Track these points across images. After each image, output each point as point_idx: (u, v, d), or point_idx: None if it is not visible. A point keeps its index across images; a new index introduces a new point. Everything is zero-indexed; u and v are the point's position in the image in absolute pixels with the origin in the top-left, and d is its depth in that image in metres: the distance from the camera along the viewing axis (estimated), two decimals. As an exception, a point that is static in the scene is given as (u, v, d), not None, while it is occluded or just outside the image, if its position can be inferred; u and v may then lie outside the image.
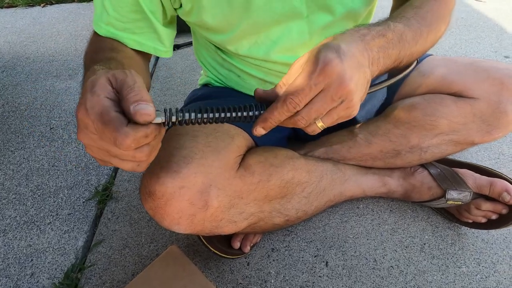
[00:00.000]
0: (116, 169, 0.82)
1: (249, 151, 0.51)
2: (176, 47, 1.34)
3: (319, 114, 0.32)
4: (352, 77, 0.30)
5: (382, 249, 0.61)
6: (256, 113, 0.32)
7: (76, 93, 1.12)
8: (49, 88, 1.15)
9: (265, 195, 0.49)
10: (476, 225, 0.60)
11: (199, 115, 0.30)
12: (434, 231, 0.63)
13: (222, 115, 0.31)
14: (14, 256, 0.63)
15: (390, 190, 0.64)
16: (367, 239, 0.63)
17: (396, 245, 0.61)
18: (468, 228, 0.63)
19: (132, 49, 0.47)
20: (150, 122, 0.27)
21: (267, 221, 0.50)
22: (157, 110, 0.28)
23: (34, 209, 0.72)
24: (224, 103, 0.53)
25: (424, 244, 0.61)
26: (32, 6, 1.93)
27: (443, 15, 0.43)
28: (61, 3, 1.95)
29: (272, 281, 0.57)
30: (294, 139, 0.68)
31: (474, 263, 0.58)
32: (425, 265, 0.58)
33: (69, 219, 0.70)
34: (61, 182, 0.78)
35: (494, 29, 1.30)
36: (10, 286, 0.59)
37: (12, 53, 1.40)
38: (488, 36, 1.25)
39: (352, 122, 0.64)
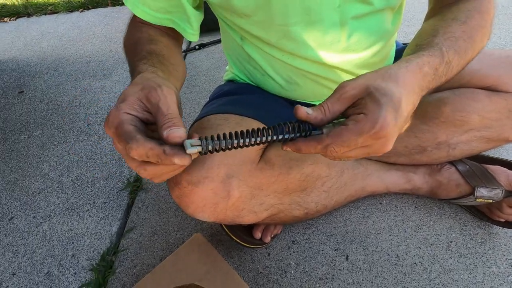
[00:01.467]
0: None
1: (270, 145, 0.53)
2: (202, 45, 1.38)
3: (351, 158, 0.33)
4: (396, 136, 0.31)
5: (405, 245, 0.60)
6: (292, 135, 0.32)
7: (110, 91, 1.19)
8: (86, 87, 1.24)
9: (285, 187, 0.50)
10: (509, 225, 0.57)
11: (235, 141, 0.31)
12: (462, 229, 0.61)
13: (258, 139, 0.31)
14: (58, 238, 0.70)
15: (415, 186, 0.62)
16: (390, 235, 0.62)
17: (421, 242, 0.60)
18: (501, 228, 0.60)
19: (166, 35, 0.48)
20: (189, 154, 0.29)
21: (286, 213, 0.52)
22: (197, 139, 0.30)
23: (74, 198, 0.79)
24: (250, 104, 0.54)
25: (451, 242, 0.59)
26: (72, 11, 2.08)
27: (485, 27, 0.41)
28: (97, 7, 2.08)
29: (292, 272, 0.58)
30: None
31: (506, 264, 0.55)
32: (451, 264, 0.56)
33: (104, 207, 0.76)
34: (97, 174, 0.85)
35: (539, 17, 1.20)
36: (54, 265, 0.65)
37: (54, 56, 1.53)
38: (531, 25, 1.16)
39: None
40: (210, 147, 0.30)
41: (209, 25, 1.45)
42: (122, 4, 2.05)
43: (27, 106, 1.18)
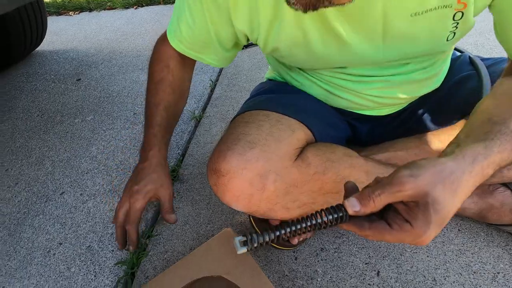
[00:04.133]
0: (183, 154, 0.91)
1: (308, 145, 0.52)
2: (245, 46, 1.40)
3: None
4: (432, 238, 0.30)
5: (445, 269, 0.56)
6: (337, 216, 0.33)
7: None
8: (135, 79, 1.33)
9: (320, 187, 0.49)
10: None
11: (278, 233, 0.33)
12: (512, 260, 0.55)
13: (303, 226, 0.33)
14: (100, 216, 0.76)
15: (462, 206, 0.58)
16: (427, 256, 0.58)
17: (462, 268, 0.56)
18: (560, 265, 0.53)
19: (186, 66, 0.62)
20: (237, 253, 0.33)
21: None
22: (242, 235, 0.34)
23: (117, 181, 0.85)
24: (291, 103, 0.55)
25: (498, 273, 0.54)
26: (127, 8, 2.23)
27: None
28: (150, 5, 2.22)
29: (319, 279, 0.57)
30: (352, 142, 0.67)
31: None
32: (496, 296, 0.51)
33: (142, 193, 0.80)
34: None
35: None
36: (95, 240, 0.71)
37: (109, 48, 1.65)
38: None
39: (421, 129, 0.60)
40: (255, 245, 0.33)
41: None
42: (173, 2, 2.16)
43: (82, 93, 1.28)
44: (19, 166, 0.96)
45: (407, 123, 0.62)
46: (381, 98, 0.56)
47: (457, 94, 0.58)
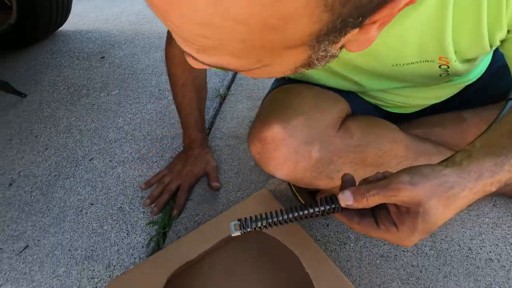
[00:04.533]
0: (210, 128, 0.92)
1: (349, 116, 0.52)
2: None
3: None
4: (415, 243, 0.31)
5: (480, 240, 0.56)
6: (330, 207, 0.33)
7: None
8: (158, 58, 1.34)
9: (362, 159, 0.49)
10: None
11: (274, 219, 0.34)
12: (550, 234, 0.55)
13: (296, 214, 0.34)
14: (130, 181, 0.77)
15: (500, 181, 0.57)
16: (462, 228, 0.58)
17: (498, 239, 0.55)
18: None
19: None
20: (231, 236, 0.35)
21: None
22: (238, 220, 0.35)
23: (145, 150, 0.86)
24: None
25: (536, 245, 0.54)
26: (148, -6, 2.24)
27: None
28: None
29: (351, 245, 0.58)
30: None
31: None
32: (534, 266, 0.51)
33: (171, 161, 0.81)
34: (165, 132, 0.91)
35: None
36: (126, 202, 0.72)
37: (131, 30, 1.67)
38: None
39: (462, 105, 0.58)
40: (249, 229, 0.34)
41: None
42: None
43: (107, 70, 1.30)
44: (48, 133, 0.97)
45: (441, 112, 0.61)
46: (410, 98, 0.55)
47: (497, 84, 0.55)
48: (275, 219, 0.33)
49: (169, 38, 0.63)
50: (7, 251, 0.65)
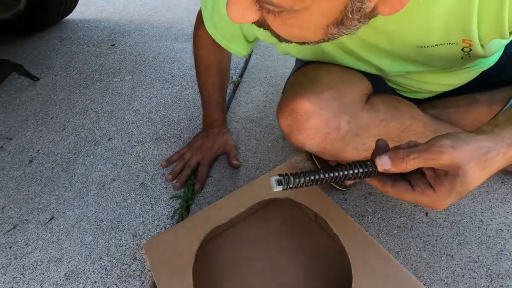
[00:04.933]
0: (225, 111, 0.94)
1: (373, 94, 0.55)
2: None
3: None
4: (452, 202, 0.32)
5: (491, 213, 0.59)
6: (366, 170, 0.33)
7: (192, 53, 1.29)
8: (169, 47, 1.36)
9: (385, 134, 0.52)
10: None
11: (312, 178, 0.33)
12: (555, 208, 0.59)
13: (335, 175, 0.34)
14: (150, 159, 0.79)
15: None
16: (473, 202, 0.61)
17: (508, 212, 0.59)
18: None
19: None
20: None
21: None
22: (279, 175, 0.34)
23: (163, 131, 0.88)
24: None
25: (542, 217, 0.58)
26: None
27: None
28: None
29: (370, 217, 0.61)
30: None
31: None
32: (541, 236, 0.55)
33: (190, 141, 0.83)
34: (182, 115, 0.93)
35: None
36: (148, 178, 0.74)
37: (140, 20, 1.68)
38: None
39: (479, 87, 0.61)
40: (291, 186, 0.33)
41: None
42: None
43: (118, 56, 1.31)
44: (64, 115, 0.99)
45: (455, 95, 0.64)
46: (426, 84, 0.58)
47: (509, 70, 0.57)
48: (316, 177, 0.34)
49: (199, 22, 0.66)
50: (33, 221, 0.67)
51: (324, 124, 0.47)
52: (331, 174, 0.34)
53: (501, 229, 0.56)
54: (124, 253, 0.59)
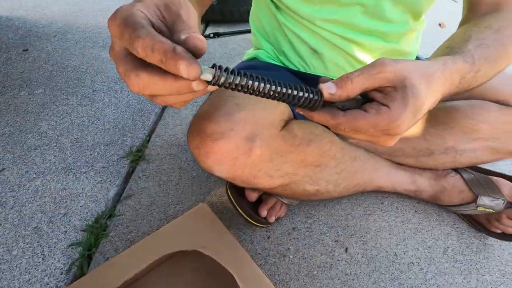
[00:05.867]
0: (150, 134, 0.86)
1: (291, 120, 0.53)
2: (217, 34, 1.38)
3: (353, 139, 0.32)
4: (408, 129, 0.31)
5: (404, 245, 0.61)
6: (311, 96, 0.29)
7: (119, 63, 1.17)
8: (95, 56, 1.22)
9: (302, 159, 0.50)
10: (505, 237, 0.59)
11: (250, 82, 0.27)
12: (459, 237, 0.62)
13: (277, 89, 0.28)
14: (50, 195, 0.67)
15: (419, 189, 0.64)
16: (389, 234, 0.62)
17: (419, 244, 0.61)
18: (495, 240, 0.61)
19: None
20: (199, 79, 0.24)
21: (299, 184, 0.52)
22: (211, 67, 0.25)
23: (72, 158, 0.77)
24: (272, 76, 0.56)
25: (448, 247, 0.61)
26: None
27: None
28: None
29: (291, 256, 0.58)
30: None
31: (498, 274, 0.57)
32: (446, 267, 0.57)
33: (102, 172, 0.74)
34: (98, 139, 0.83)
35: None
36: (44, 221, 0.62)
37: (64, 21, 1.49)
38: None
39: None
40: (222, 79, 0.26)
41: (227, 16, 1.46)
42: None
43: (30, 65, 1.14)
44: None
45: None
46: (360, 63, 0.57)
47: None
48: (256, 83, 0.27)
49: None
50: None
51: (234, 147, 0.43)
52: (273, 87, 0.28)
53: (412, 263, 0.58)
54: (-4, 325, 0.48)
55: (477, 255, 0.59)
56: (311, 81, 0.60)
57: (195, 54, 0.24)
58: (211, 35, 1.38)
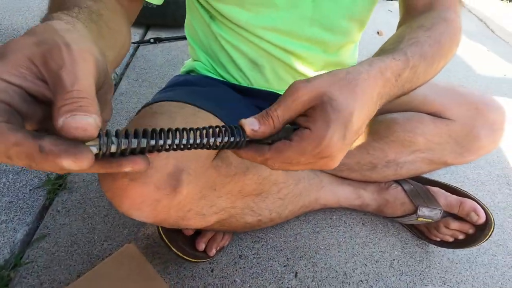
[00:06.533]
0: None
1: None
2: (158, 40, 1.28)
3: (294, 170, 0.30)
4: (344, 151, 0.28)
5: (353, 262, 0.59)
6: (232, 139, 0.26)
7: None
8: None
9: (240, 189, 0.45)
10: (443, 244, 0.61)
11: (152, 142, 0.22)
12: (403, 247, 0.63)
13: (185, 141, 0.24)
14: None
15: (364, 203, 0.63)
16: (338, 251, 0.61)
17: (367, 259, 0.60)
18: (435, 246, 0.63)
19: (115, 1, 0.37)
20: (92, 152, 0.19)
21: (238, 218, 0.47)
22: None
23: (-33, 194, 0.62)
24: (208, 96, 0.50)
25: (394, 260, 0.61)
26: (3, -23, 1.78)
27: (453, 34, 0.40)
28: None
29: (237, 290, 0.53)
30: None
31: (439, 282, 0.58)
32: (393, 281, 0.57)
33: (9, 208, 0.61)
34: (5, 166, 0.69)
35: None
36: None
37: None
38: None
39: None
40: (113, 148, 0.20)
41: (168, 21, 1.37)
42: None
43: None
44: None
45: None
46: (300, 75, 0.55)
47: None
48: (159, 142, 0.22)
49: None
50: None
51: (153, 188, 0.36)
52: (184, 140, 0.23)
53: (361, 281, 0.57)
54: None
55: (420, 265, 0.60)
56: (253, 95, 0.56)
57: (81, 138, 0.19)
58: (152, 40, 1.28)
